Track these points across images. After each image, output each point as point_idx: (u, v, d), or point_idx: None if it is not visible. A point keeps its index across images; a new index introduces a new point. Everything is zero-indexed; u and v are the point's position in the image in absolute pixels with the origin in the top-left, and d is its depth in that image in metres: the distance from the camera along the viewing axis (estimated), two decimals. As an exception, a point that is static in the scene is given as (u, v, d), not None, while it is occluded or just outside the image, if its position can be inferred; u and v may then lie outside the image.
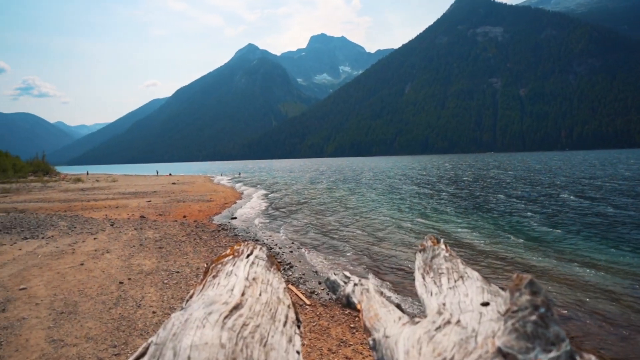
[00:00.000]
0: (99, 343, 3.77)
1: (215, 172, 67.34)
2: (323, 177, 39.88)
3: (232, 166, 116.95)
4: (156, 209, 14.38)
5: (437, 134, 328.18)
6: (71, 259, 6.92)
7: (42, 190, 25.92)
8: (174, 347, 0.92)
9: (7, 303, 4.78)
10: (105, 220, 11.72)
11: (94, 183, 33.88)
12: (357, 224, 11.82)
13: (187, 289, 5.40)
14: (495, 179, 28.51)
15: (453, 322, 1.04)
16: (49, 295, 5.08)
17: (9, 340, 3.81)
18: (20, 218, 11.97)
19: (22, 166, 49.33)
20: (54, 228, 10.16)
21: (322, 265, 7.43)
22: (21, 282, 5.62)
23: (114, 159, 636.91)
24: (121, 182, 35.93)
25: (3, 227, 10.30)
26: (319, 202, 17.96)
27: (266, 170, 68.07)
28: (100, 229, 10.13)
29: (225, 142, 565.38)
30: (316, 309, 5.02)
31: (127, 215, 12.74)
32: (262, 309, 1.23)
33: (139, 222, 11.41)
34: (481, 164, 63.43)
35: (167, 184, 30.25)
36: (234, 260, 1.60)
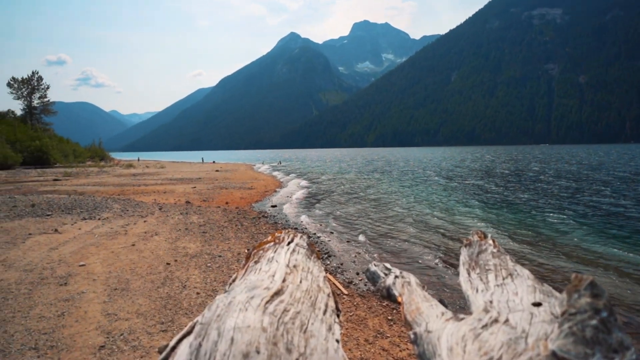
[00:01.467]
0: (148, 319, 4.01)
1: (256, 160, 68.94)
2: (364, 167, 39.58)
3: (273, 155, 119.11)
4: (200, 195, 14.97)
5: (485, 124, 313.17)
6: (124, 240, 7.39)
7: (98, 174, 27.85)
8: (218, 328, 0.94)
9: (69, 277, 5.20)
10: (154, 204, 12.39)
11: (144, 169, 35.84)
12: (398, 216, 11.64)
13: (228, 272, 5.60)
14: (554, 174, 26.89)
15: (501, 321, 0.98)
16: (104, 272, 5.47)
17: (70, 311, 4.15)
18: (79, 200, 12.94)
19: (81, 152, 53.26)
20: (108, 210, 10.89)
21: (360, 255, 7.41)
22: (80, 259, 6.09)
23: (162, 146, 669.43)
24: (168, 168, 37.75)
25: (65, 208, 11.20)
26: (359, 192, 17.85)
27: (306, 160, 68.64)
28: (149, 212, 10.72)
29: (266, 131, 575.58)
30: (353, 299, 5.02)
31: (174, 200, 13.38)
32: (302, 296, 1.24)
33: (184, 207, 11.95)
34: (540, 156, 60.03)
35: (210, 171, 31.39)
36: (275, 247, 1.62)
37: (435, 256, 7.29)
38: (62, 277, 5.20)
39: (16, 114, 54.54)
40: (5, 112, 52.14)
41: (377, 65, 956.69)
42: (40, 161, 39.31)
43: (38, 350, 3.35)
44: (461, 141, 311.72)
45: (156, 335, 3.66)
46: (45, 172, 29.31)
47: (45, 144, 40.80)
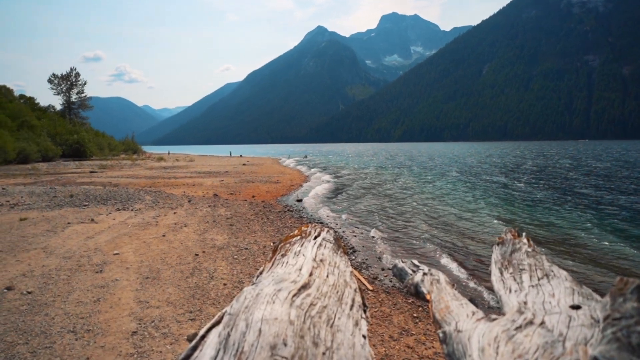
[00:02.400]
0: (177, 307, 4.14)
1: (283, 154, 69.51)
2: (389, 162, 39.15)
3: (299, 149, 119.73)
4: (228, 188, 15.26)
5: (518, 119, 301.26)
6: (155, 230, 7.65)
7: (131, 167, 28.91)
8: (246, 319, 0.96)
9: (104, 265, 5.44)
10: (183, 196, 12.74)
11: (174, 162, 36.89)
12: (423, 212, 11.44)
13: (254, 265, 5.69)
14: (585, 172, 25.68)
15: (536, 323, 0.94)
16: (136, 261, 5.68)
17: (105, 297, 4.35)
18: (114, 191, 13.48)
19: (115, 145, 55.48)
20: (140, 202, 11.29)
21: (385, 251, 7.34)
22: (115, 248, 6.35)
23: (191, 140, 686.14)
24: (197, 161, 38.69)
25: (101, 198, 11.71)
26: (384, 187, 17.68)
27: (332, 154, 68.59)
28: (179, 204, 11.03)
29: (293, 125, 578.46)
30: (378, 295, 4.99)
31: (202, 193, 13.70)
32: (329, 290, 1.24)
33: (212, 199, 12.22)
34: (573, 153, 57.49)
35: (238, 165, 31.93)
36: (302, 240, 1.63)
37: (460, 254, 7.12)
38: (97, 265, 5.44)
39: (56, 109, 57.44)
40: (47, 107, 54.97)
41: (406, 58, 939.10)
42: (78, 154, 41.27)
43: (76, 333, 3.53)
44: (492, 136, 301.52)
45: (185, 324, 3.78)
46: (82, 165, 30.74)
47: (82, 137, 42.77)
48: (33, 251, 6.07)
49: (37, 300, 4.21)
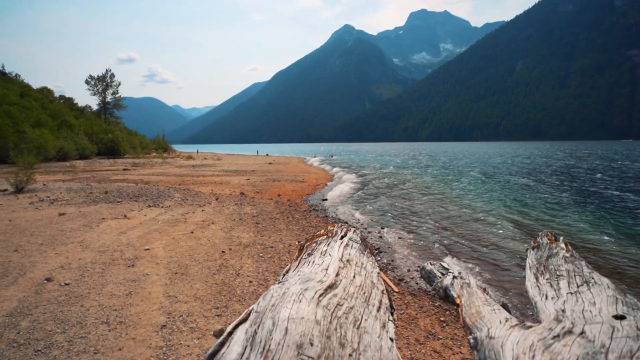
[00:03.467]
0: (204, 303, 4.23)
1: (308, 153, 69.77)
2: (416, 162, 38.53)
3: (325, 148, 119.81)
4: (254, 187, 15.47)
5: (553, 118, 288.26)
6: (184, 227, 7.85)
7: (161, 165, 29.83)
8: (272, 317, 0.96)
9: (136, 260, 5.63)
10: (211, 194, 13.02)
11: (203, 160, 37.77)
12: (450, 213, 11.18)
13: (279, 263, 5.73)
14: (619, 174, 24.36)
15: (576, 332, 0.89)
16: (166, 256, 5.85)
17: (136, 291, 4.50)
18: (145, 189, 13.95)
19: (147, 144, 57.46)
20: (170, 199, 11.63)
21: (411, 252, 7.22)
22: (146, 243, 6.56)
23: (219, 139, 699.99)
24: (225, 160, 39.45)
25: (133, 195, 12.15)
26: (410, 187, 17.41)
27: (357, 153, 68.24)
28: (207, 202, 11.28)
29: (319, 125, 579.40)
30: (404, 297, 4.91)
31: (229, 191, 13.95)
32: (356, 291, 1.23)
33: (239, 198, 12.42)
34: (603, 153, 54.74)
35: (264, 164, 32.32)
36: (328, 240, 1.62)
37: (488, 257, 6.90)
38: (129, 259, 5.64)
39: (92, 109, 60.17)
40: (84, 107, 57.67)
41: (435, 55, 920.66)
42: (112, 152, 43.04)
43: (109, 324, 3.67)
44: (525, 136, 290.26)
45: (211, 319, 3.85)
46: (116, 162, 32.01)
47: (116, 136, 44.57)
48: (70, 245, 6.36)
49: (73, 292, 4.40)
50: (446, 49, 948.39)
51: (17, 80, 50.44)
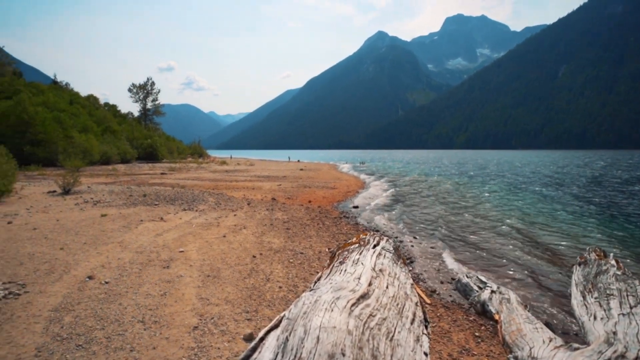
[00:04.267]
0: (235, 307, 4.28)
1: (340, 160, 69.75)
2: (449, 170, 37.57)
3: (356, 155, 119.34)
4: (285, 193, 15.62)
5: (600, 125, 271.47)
6: (216, 231, 8.03)
7: (196, 170, 30.78)
8: (304, 325, 0.95)
9: (171, 261, 5.81)
10: (243, 199, 13.26)
11: (236, 166, 38.63)
12: (484, 223, 10.78)
13: (309, 269, 5.72)
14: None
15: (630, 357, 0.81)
16: (199, 259, 5.99)
17: (170, 292, 4.63)
18: (181, 192, 14.42)
19: (183, 149, 59.62)
20: (204, 203, 11.95)
21: (444, 263, 7.00)
22: (180, 245, 6.76)
23: (252, 144, 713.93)
24: (257, 166, 40.16)
25: (170, 199, 12.59)
26: (443, 196, 16.97)
27: (390, 160, 67.48)
28: (239, 206, 11.50)
29: (350, 131, 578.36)
30: (436, 310, 4.76)
31: (261, 197, 14.16)
32: (389, 302, 1.19)
33: (270, 203, 12.57)
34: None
35: (295, 170, 32.60)
36: (360, 248, 1.59)
37: (527, 270, 6.57)
38: (165, 261, 5.83)
39: (134, 115, 63.31)
40: (126, 113, 60.78)
41: (471, 61, 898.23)
42: (151, 157, 44.93)
43: (145, 323, 3.79)
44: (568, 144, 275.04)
45: (242, 323, 3.89)
46: (154, 167, 33.36)
47: (155, 141, 46.52)
48: (111, 245, 6.66)
49: (112, 290, 4.60)
50: (483, 54, 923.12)
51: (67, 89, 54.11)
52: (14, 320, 3.75)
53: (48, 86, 47.87)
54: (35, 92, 36.81)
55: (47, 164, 26.87)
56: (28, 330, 3.58)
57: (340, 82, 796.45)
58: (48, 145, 27.95)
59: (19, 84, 37.29)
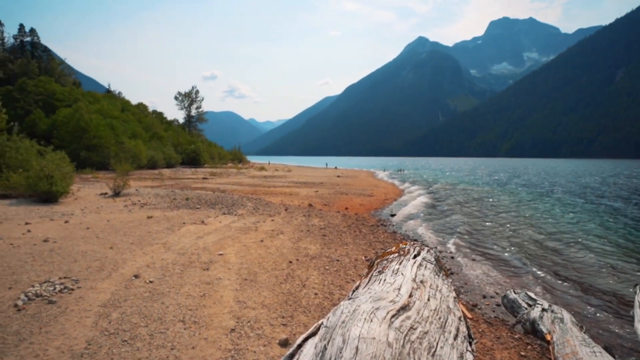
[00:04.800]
0: (271, 311, 4.32)
1: (378, 167, 69.04)
2: (492, 179, 36.07)
3: (395, 162, 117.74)
4: (322, 199, 15.66)
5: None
6: (254, 235, 8.18)
7: (236, 175, 31.63)
8: (343, 335, 0.93)
9: (210, 264, 5.98)
10: (281, 205, 13.44)
11: (274, 172, 39.29)
12: (530, 236, 10.19)
13: (345, 277, 5.67)
14: None
15: None
16: (237, 262, 6.12)
17: (209, 293, 4.75)
18: (221, 197, 14.86)
19: (224, 155, 61.65)
20: (243, 207, 12.23)
21: (487, 276, 6.69)
22: (220, 248, 6.95)
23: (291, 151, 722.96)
24: (295, 172, 40.61)
25: (210, 203, 13.01)
26: (485, 206, 16.29)
27: (429, 168, 65.92)
28: (276, 212, 11.66)
29: (389, 138, 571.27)
30: (478, 325, 4.54)
31: (298, 203, 14.28)
32: (430, 315, 1.14)
33: (307, 209, 12.64)
34: None
35: (332, 177, 32.64)
36: (400, 258, 1.54)
37: (578, 289, 6.12)
38: (205, 263, 6.01)
39: (179, 122, 66.46)
40: (172, 120, 63.97)
41: (517, 65, 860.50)
42: (194, 162, 46.79)
43: (185, 323, 3.91)
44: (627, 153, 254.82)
45: (277, 328, 3.91)
46: (197, 171, 34.69)
47: (198, 147, 48.45)
48: (155, 245, 6.97)
49: (156, 289, 4.79)
50: (531, 58, 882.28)
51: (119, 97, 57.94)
52: (67, 314, 4.01)
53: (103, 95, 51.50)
54: (92, 101, 39.67)
55: (100, 168, 28.73)
56: (80, 323, 3.81)
57: (379, 88, 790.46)
58: (101, 150, 29.90)
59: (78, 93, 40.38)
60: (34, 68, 45.27)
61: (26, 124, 30.45)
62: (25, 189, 11.88)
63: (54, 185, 11.67)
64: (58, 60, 53.65)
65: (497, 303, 5.32)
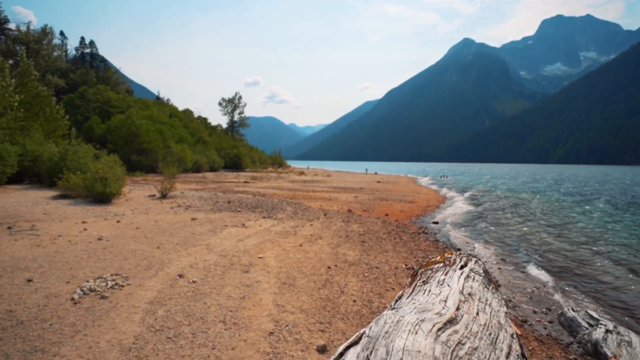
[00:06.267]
0: (309, 316, 4.31)
1: (419, 173, 67.49)
2: (544, 187, 34.03)
3: (437, 168, 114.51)
4: (361, 205, 15.51)
5: None
6: (293, 240, 8.24)
7: (276, 179, 32.18)
8: (386, 345, 0.89)
9: (250, 266, 6.09)
10: (320, 209, 13.47)
11: (313, 176, 39.55)
12: (585, 250, 9.46)
13: (385, 285, 5.55)
14: None
15: None
16: (276, 266, 6.19)
17: (249, 296, 4.83)
18: (261, 201, 15.16)
19: (265, 159, 63.09)
20: (282, 212, 12.38)
21: (538, 291, 6.28)
22: (259, 251, 7.07)
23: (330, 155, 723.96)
24: (334, 177, 40.64)
25: (251, 206, 13.31)
26: (534, 216, 15.37)
27: (474, 175, 63.48)
28: (315, 217, 11.69)
29: (431, 143, 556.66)
30: (528, 343, 4.25)
31: (337, 208, 14.24)
32: (480, 330, 1.06)
33: (346, 215, 12.57)
34: None
35: (372, 182, 32.30)
36: (446, 268, 1.47)
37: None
38: (245, 265, 6.13)
39: (222, 127, 69.02)
40: (216, 125, 66.58)
41: (573, 66, 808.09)
42: (236, 165, 48.24)
43: (225, 323, 3.99)
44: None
45: (315, 334, 3.89)
46: (239, 175, 35.71)
47: (240, 152, 49.95)
48: (199, 247, 7.22)
49: (199, 290, 4.95)
50: (588, 58, 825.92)
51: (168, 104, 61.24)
52: (118, 309, 4.23)
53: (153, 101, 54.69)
54: (143, 107, 42.21)
55: (149, 171, 30.40)
56: (128, 319, 4.01)
57: (421, 92, 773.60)
58: (151, 154, 31.64)
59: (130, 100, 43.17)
60: (92, 77, 49.11)
61: (84, 129, 32.98)
62: (82, 190, 12.78)
63: (108, 187, 12.48)
64: (113, 69, 57.85)
65: (549, 320, 4.98)
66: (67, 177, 13.36)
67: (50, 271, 5.42)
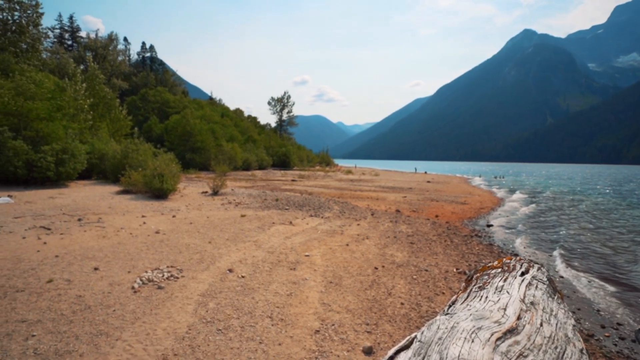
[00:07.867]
0: (355, 317, 4.26)
1: (473, 173, 64.56)
2: (615, 189, 31.09)
3: (492, 168, 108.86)
4: (410, 205, 15.13)
5: None
6: (339, 239, 8.22)
7: (323, 178, 32.33)
8: (440, 352, 0.83)
9: (297, 264, 6.16)
10: (367, 209, 13.32)
11: (361, 175, 39.23)
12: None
13: (434, 289, 5.36)
14: None
15: None
16: (323, 265, 6.20)
17: (296, 293, 4.88)
18: (308, 199, 15.29)
19: (312, 158, 63.72)
20: (329, 210, 12.40)
21: (606, 303, 5.73)
22: (306, 249, 7.12)
23: (378, 154, 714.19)
24: (382, 176, 40.04)
25: (298, 204, 13.47)
26: (600, 220, 14.06)
27: (533, 175, 59.55)
28: (362, 216, 11.57)
29: (486, 141, 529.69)
30: (595, 359, 3.90)
31: (385, 208, 14.00)
32: (544, 343, 0.96)
33: (394, 215, 12.32)
34: None
35: (422, 182, 31.40)
36: (504, 274, 1.36)
37: None
38: (292, 263, 6.21)
39: (271, 126, 70.73)
40: (265, 124, 68.41)
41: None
42: (284, 164, 49.15)
43: (272, 319, 4.06)
44: None
45: (361, 335, 3.84)
46: (286, 174, 36.34)
47: (288, 150, 50.81)
48: (247, 243, 7.43)
49: (247, 284, 5.09)
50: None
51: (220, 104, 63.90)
52: (173, 299, 4.47)
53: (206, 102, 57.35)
54: (197, 108, 44.37)
55: (202, 168, 31.86)
56: (182, 309, 4.21)
57: (475, 88, 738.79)
58: (203, 152, 33.15)
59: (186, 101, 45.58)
60: (152, 80, 52.51)
61: (144, 129, 35.34)
62: (142, 186, 13.69)
63: (165, 183, 13.26)
64: (171, 72, 61.42)
65: (620, 336, 4.52)
66: (129, 174, 14.37)
67: (114, 261, 5.85)
